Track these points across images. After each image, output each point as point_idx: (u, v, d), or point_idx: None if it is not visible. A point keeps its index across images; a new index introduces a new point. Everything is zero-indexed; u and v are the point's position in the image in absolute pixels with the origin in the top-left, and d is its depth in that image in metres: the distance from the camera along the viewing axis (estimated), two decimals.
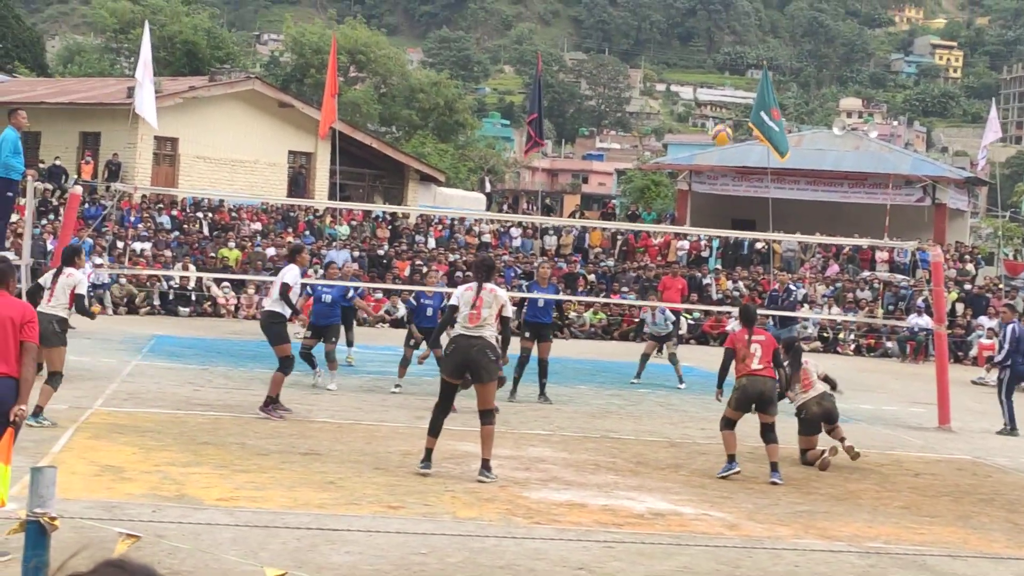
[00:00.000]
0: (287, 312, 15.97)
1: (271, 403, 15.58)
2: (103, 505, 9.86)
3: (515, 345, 15.46)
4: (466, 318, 12.33)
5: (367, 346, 25.57)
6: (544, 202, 68.53)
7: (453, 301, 12.77)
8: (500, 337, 12.57)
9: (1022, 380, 20.37)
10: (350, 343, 22.69)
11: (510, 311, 12.96)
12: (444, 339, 13.79)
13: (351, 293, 21.58)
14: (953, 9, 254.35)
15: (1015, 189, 77.61)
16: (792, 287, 29.14)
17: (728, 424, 13.59)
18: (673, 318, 24.31)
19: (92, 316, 15.59)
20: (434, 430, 12.36)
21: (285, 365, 15.69)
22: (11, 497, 8.40)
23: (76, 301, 14.87)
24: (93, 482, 10.82)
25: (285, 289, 15.89)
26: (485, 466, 12.17)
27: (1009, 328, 19.80)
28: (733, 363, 13.65)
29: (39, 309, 12.83)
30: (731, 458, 13.44)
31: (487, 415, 12.25)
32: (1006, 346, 19.57)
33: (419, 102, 72.61)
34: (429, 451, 12.35)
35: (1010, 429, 19.22)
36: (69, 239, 19.45)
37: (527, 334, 19.18)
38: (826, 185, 45.98)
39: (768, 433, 13.56)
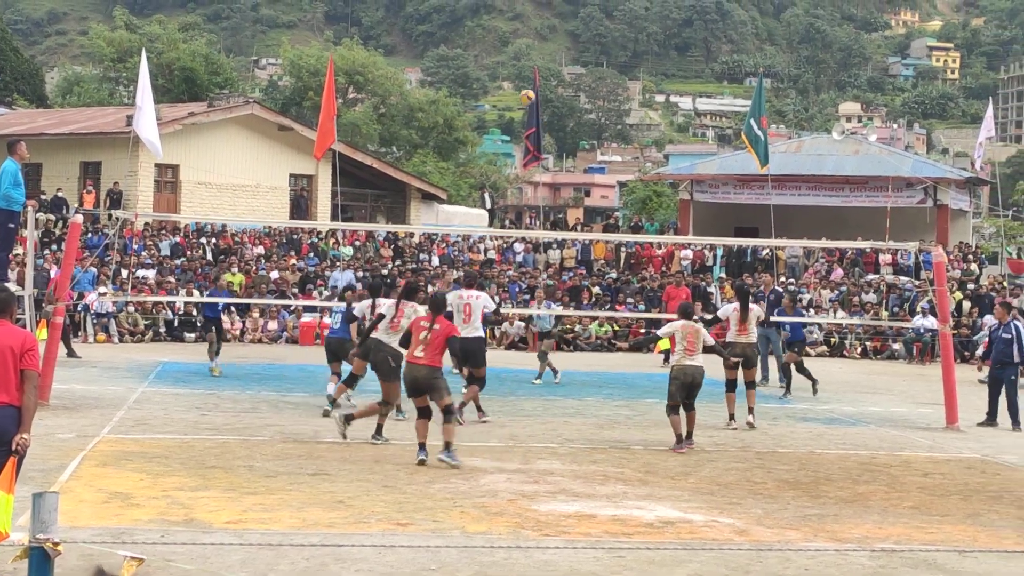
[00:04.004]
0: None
1: (458, 409, 16.74)
2: (111, 532, 9.86)
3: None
4: (387, 327, 15.46)
5: None
6: (557, 216, 68.52)
7: (382, 310, 15.93)
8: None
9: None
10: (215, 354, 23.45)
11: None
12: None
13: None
14: (948, 11, 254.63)
15: (1016, 188, 77.60)
16: (778, 288, 29.33)
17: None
18: (552, 318, 25.01)
19: None
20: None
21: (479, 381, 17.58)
22: (17, 527, 8.41)
23: None
24: (101, 509, 10.82)
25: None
26: (379, 431, 15.25)
27: (1017, 326, 19.65)
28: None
29: None
30: (421, 446, 13.90)
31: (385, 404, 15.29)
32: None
33: (418, 121, 72.72)
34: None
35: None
36: (71, 269, 19.48)
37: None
38: (828, 190, 45.99)
39: (425, 413, 14.06)
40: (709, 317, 19.69)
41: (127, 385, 21.04)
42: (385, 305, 16.18)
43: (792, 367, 23.31)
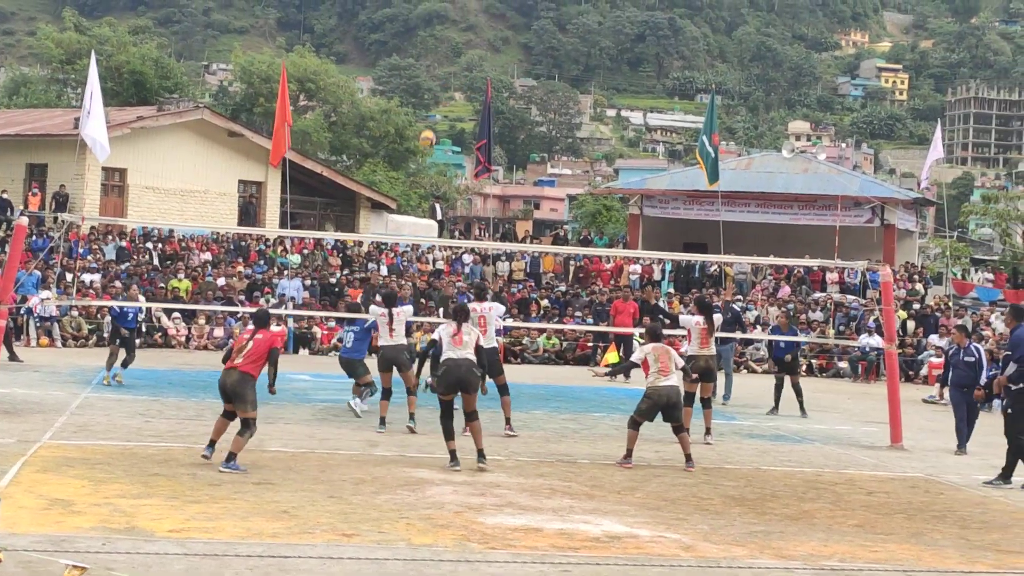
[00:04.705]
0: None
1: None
2: (52, 539, 9.72)
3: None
4: (451, 343, 14.72)
5: (320, 375, 25.51)
6: (506, 228, 68.58)
7: (434, 336, 15.20)
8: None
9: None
10: (126, 364, 22.71)
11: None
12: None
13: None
14: (898, 33, 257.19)
15: (961, 209, 78.30)
16: (735, 306, 29.51)
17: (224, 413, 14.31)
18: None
19: None
20: (449, 435, 14.63)
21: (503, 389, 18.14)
22: None
23: None
24: (41, 516, 10.67)
25: None
26: (480, 455, 14.55)
27: (979, 348, 19.40)
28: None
29: None
30: (211, 443, 14.09)
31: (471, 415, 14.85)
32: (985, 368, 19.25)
33: (369, 130, 72.52)
34: (453, 452, 14.55)
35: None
36: (15, 271, 19.25)
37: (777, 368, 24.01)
38: (776, 207, 46.23)
39: (228, 415, 14.17)
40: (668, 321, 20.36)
41: (70, 390, 20.85)
42: (437, 331, 15.38)
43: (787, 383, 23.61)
